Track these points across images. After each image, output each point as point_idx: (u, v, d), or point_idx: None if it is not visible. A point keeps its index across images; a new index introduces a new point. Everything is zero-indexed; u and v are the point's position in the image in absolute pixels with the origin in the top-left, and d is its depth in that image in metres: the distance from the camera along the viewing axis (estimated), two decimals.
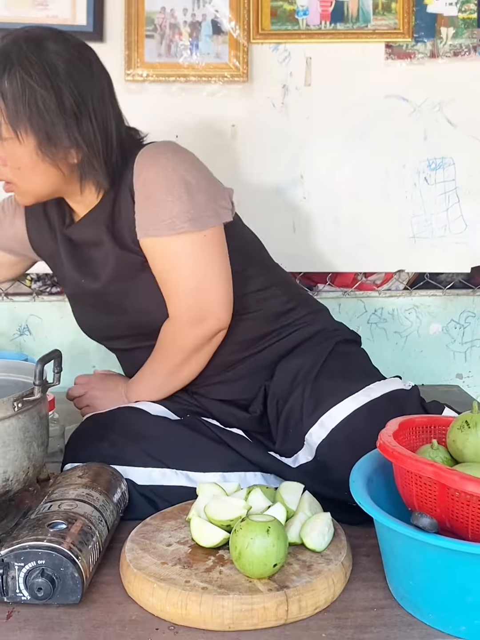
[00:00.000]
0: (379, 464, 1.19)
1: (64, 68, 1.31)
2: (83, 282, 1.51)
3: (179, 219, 1.36)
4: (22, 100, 1.29)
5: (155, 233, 1.37)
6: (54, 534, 1.08)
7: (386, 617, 1.05)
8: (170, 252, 1.38)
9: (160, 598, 1.04)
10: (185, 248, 1.38)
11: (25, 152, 1.33)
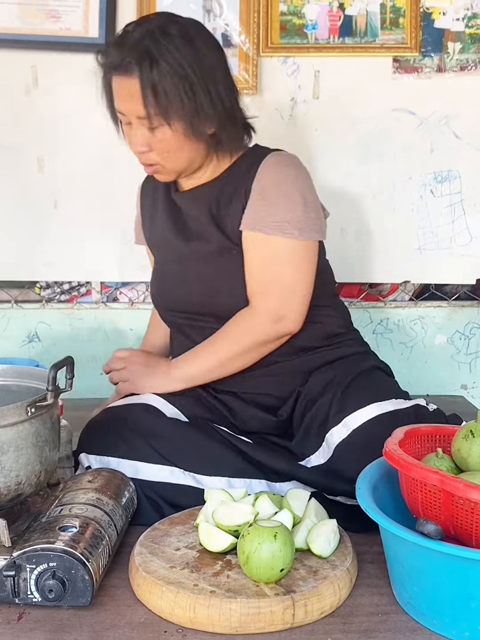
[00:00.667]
0: (385, 471, 1.21)
1: (195, 50, 1.40)
2: (175, 243, 1.58)
3: (290, 224, 1.46)
4: (172, 91, 1.37)
5: (264, 230, 1.46)
6: (65, 537, 1.10)
7: (391, 623, 1.07)
8: (273, 251, 1.47)
9: (168, 601, 1.06)
10: (287, 251, 1.47)
11: (174, 136, 1.42)
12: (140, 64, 1.36)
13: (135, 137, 1.44)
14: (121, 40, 1.41)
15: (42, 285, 2.35)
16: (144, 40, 1.38)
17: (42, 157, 2.17)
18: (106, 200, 2.20)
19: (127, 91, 1.39)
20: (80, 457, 1.45)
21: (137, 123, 1.42)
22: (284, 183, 1.48)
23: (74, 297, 2.34)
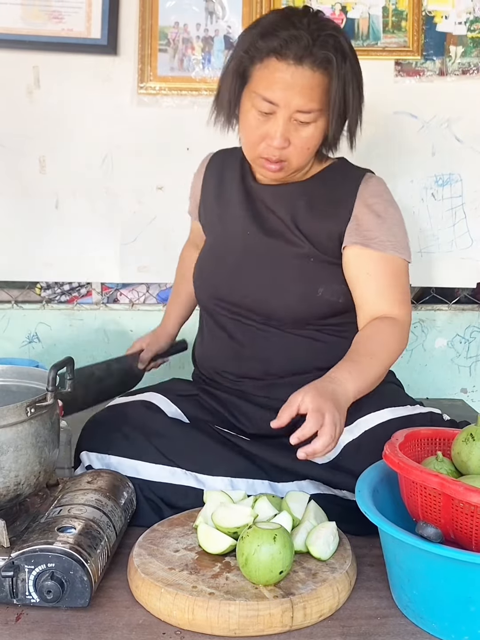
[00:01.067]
0: (385, 474, 1.21)
1: (355, 55, 1.43)
2: (249, 234, 1.54)
3: (401, 245, 1.48)
4: (352, 89, 1.40)
5: (381, 249, 1.45)
6: (63, 538, 1.10)
7: (390, 626, 1.07)
8: (397, 268, 1.47)
9: (167, 603, 1.06)
10: (404, 269, 1.49)
11: (319, 133, 1.42)
12: (335, 58, 1.35)
13: (277, 130, 1.37)
14: (298, 30, 1.34)
15: (42, 285, 2.35)
16: (336, 35, 1.37)
17: (44, 157, 2.17)
18: (107, 201, 2.20)
19: (301, 82, 1.34)
20: (81, 456, 1.45)
21: (286, 116, 1.37)
22: (391, 206, 1.51)
23: (74, 298, 2.34)
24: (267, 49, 1.35)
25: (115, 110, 2.15)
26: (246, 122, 1.42)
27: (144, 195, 2.18)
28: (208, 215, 1.65)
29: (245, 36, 1.42)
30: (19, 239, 2.21)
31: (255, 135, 1.41)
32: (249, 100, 1.40)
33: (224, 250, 1.58)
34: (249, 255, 1.53)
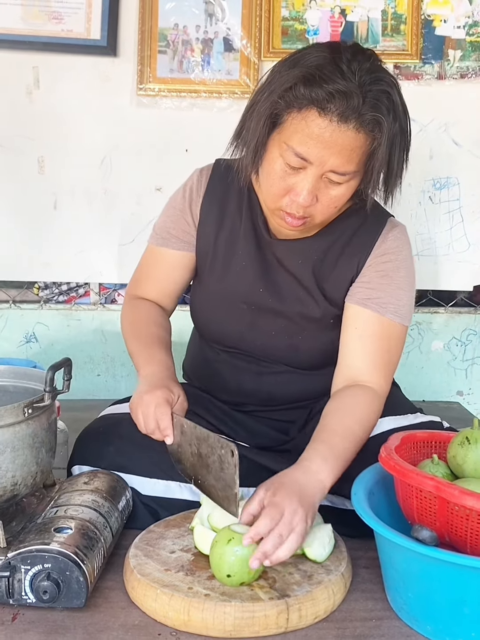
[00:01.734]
0: (380, 477, 1.21)
1: (406, 110, 1.26)
2: (261, 291, 1.45)
3: (404, 309, 1.39)
4: (398, 148, 1.25)
5: (380, 311, 1.38)
6: (60, 538, 1.10)
7: (384, 628, 1.07)
8: (388, 333, 1.39)
9: (163, 604, 1.06)
10: (401, 336, 1.41)
11: (349, 193, 1.28)
12: (385, 122, 1.19)
13: (304, 188, 1.23)
14: (348, 82, 1.17)
15: (40, 285, 2.35)
16: (390, 93, 1.21)
17: (43, 158, 2.18)
18: (106, 202, 2.21)
19: (341, 143, 1.19)
20: (73, 470, 1.43)
21: (318, 175, 1.23)
22: (403, 266, 1.41)
23: (72, 298, 2.35)
24: (308, 100, 1.18)
25: (115, 111, 2.16)
26: (271, 172, 1.27)
27: (142, 196, 2.19)
28: (209, 252, 1.48)
29: (282, 75, 1.23)
30: (18, 238, 2.21)
31: (279, 188, 1.27)
32: (277, 148, 1.24)
33: (232, 300, 1.47)
34: (262, 314, 1.46)
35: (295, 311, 1.45)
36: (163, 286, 1.53)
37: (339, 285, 1.42)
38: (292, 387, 1.52)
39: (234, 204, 1.46)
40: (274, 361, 1.50)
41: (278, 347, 1.48)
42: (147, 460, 1.39)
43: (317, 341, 1.46)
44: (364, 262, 1.41)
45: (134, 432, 1.41)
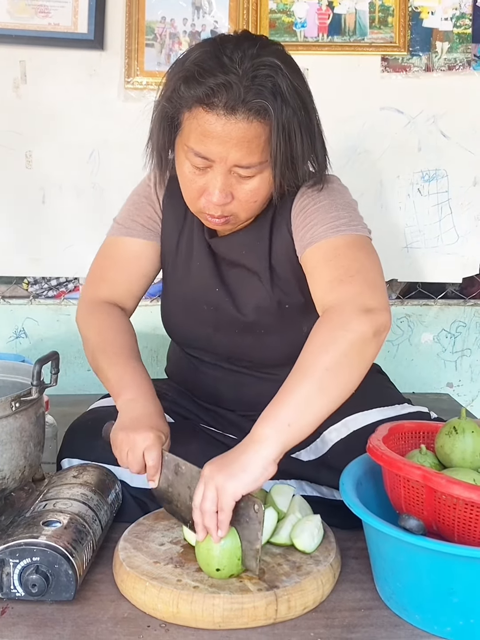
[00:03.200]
0: (368, 467, 1.21)
1: (302, 87, 1.22)
2: (217, 291, 1.42)
3: (342, 224, 1.27)
4: (298, 137, 1.20)
5: (317, 238, 1.27)
6: (49, 532, 1.10)
7: (373, 618, 1.08)
8: (340, 247, 1.25)
9: (152, 596, 1.06)
10: (354, 244, 1.26)
11: (266, 185, 1.24)
12: (273, 108, 1.15)
13: (215, 186, 1.21)
14: (228, 74, 1.14)
15: (29, 281, 2.34)
16: (274, 76, 1.16)
17: (30, 152, 2.17)
18: (94, 197, 2.20)
19: (235, 135, 1.16)
20: (62, 463, 1.42)
21: (224, 171, 1.20)
22: (323, 195, 1.32)
23: (61, 293, 2.34)
24: (192, 98, 1.17)
25: (102, 105, 2.15)
26: (182, 175, 1.26)
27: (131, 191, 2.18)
28: (172, 251, 1.45)
29: (169, 78, 1.23)
30: (6, 234, 2.20)
31: (192, 190, 1.25)
32: (182, 152, 1.23)
33: (195, 302, 1.45)
34: (223, 313, 1.43)
35: (251, 307, 1.41)
36: (126, 282, 1.45)
37: (286, 261, 1.36)
38: (273, 391, 1.48)
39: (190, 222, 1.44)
40: (249, 366, 1.47)
41: (244, 345, 1.45)
42: None
43: (279, 333, 1.43)
44: (289, 219, 1.34)
45: None
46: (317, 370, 1.10)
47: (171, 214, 1.44)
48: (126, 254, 1.45)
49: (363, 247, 1.27)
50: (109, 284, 1.45)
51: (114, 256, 1.47)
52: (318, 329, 1.17)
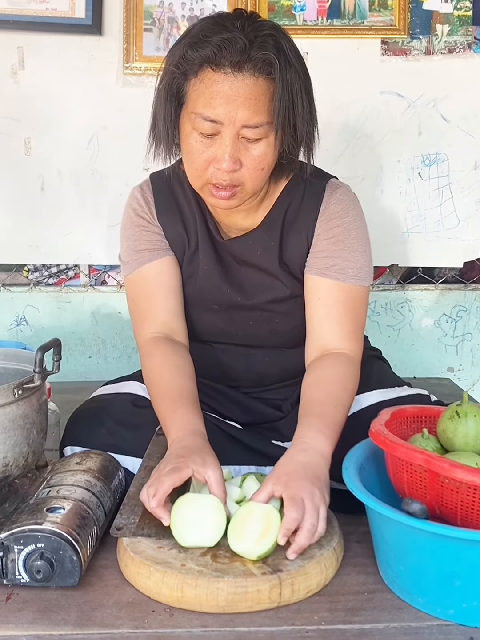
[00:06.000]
0: (371, 452, 1.21)
1: (301, 58, 1.26)
2: (228, 292, 1.46)
3: (362, 271, 1.40)
4: (300, 95, 1.23)
5: (339, 277, 1.38)
6: (52, 518, 1.10)
7: (376, 601, 1.08)
8: (351, 297, 1.39)
9: (156, 581, 1.06)
10: (363, 298, 1.42)
11: (272, 150, 1.26)
12: (278, 62, 1.19)
13: (224, 152, 1.22)
14: (232, 32, 1.18)
15: (30, 268, 2.34)
16: (276, 35, 1.21)
17: (29, 139, 2.16)
18: (94, 183, 2.19)
19: (243, 93, 1.18)
20: (65, 451, 1.42)
21: (233, 134, 1.21)
22: (353, 228, 1.40)
23: (62, 281, 2.34)
24: (199, 60, 1.20)
25: (101, 91, 2.14)
26: (189, 148, 1.25)
27: (130, 177, 2.16)
28: (180, 257, 1.47)
29: (174, 49, 1.26)
30: (5, 221, 2.20)
31: (200, 161, 1.25)
32: (188, 122, 1.24)
33: (204, 304, 1.48)
34: (235, 311, 1.48)
35: (265, 301, 1.46)
36: (163, 306, 1.45)
37: (297, 261, 1.43)
38: (281, 366, 1.53)
39: (186, 210, 1.45)
40: (259, 346, 1.52)
41: (259, 334, 1.50)
42: (139, 440, 1.39)
43: (295, 319, 1.47)
44: (312, 232, 1.41)
45: (126, 412, 1.44)
46: (348, 403, 1.32)
47: (169, 225, 1.45)
48: (149, 282, 1.45)
49: (366, 301, 1.44)
50: (149, 318, 1.45)
51: (139, 291, 1.46)
52: (345, 369, 1.35)
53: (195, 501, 1.15)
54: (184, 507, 1.14)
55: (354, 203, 1.43)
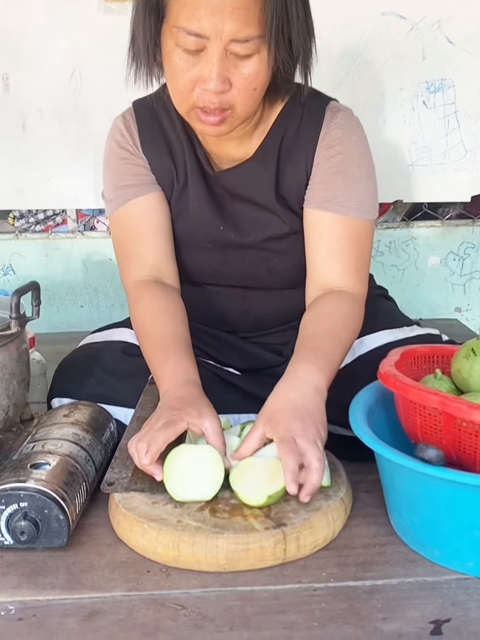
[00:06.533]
0: (379, 395, 1.13)
1: None
2: (222, 229, 1.35)
3: (366, 203, 1.29)
4: (294, 4, 1.10)
5: (340, 209, 1.27)
6: (37, 474, 1.03)
7: (389, 554, 1.01)
8: (355, 232, 1.28)
9: (151, 539, 0.99)
10: (368, 233, 1.31)
11: (266, 68, 1.13)
12: None
13: (211, 70, 1.09)
14: None
15: (15, 215, 2.23)
16: None
17: (7, 75, 2.02)
18: (77, 120, 2.05)
19: (230, 3, 1.05)
20: (53, 403, 1.34)
21: (220, 49, 1.08)
22: (355, 152, 1.29)
23: (49, 227, 2.23)
24: None
25: (81, 20, 1.99)
26: (172, 67, 1.13)
27: (116, 112, 2.02)
28: (168, 193, 1.36)
29: None
30: None
31: (185, 81, 1.12)
32: (170, 38, 1.11)
33: (197, 242, 1.38)
34: (230, 250, 1.37)
35: (262, 239, 1.35)
36: (152, 248, 1.34)
37: (296, 194, 1.31)
38: (280, 307, 1.44)
39: (174, 140, 1.33)
40: (257, 287, 1.42)
41: (256, 274, 1.40)
42: (131, 390, 1.31)
43: (294, 258, 1.37)
44: (311, 162, 1.29)
45: (116, 361, 1.35)
46: (346, 341, 1.21)
47: (154, 157, 1.33)
48: (134, 221, 1.34)
49: (371, 235, 1.32)
50: (137, 260, 1.34)
51: (124, 231, 1.36)
52: (346, 307, 1.24)
53: (191, 452, 1.07)
54: (178, 459, 1.06)
55: (356, 128, 1.31)
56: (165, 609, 0.91)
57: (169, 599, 0.93)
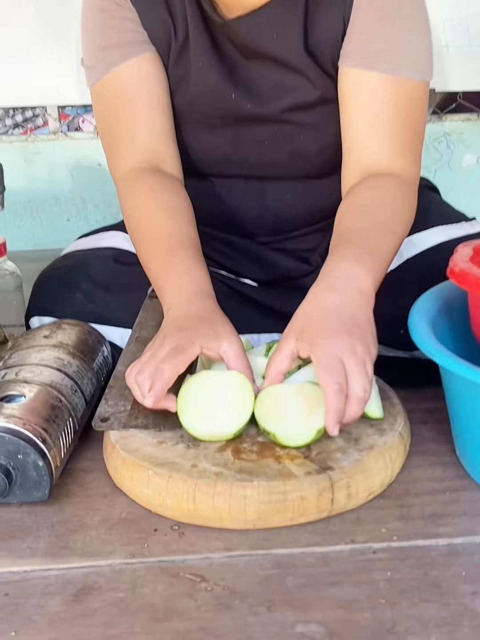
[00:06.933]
0: (444, 302, 0.90)
1: None
2: (233, 97, 1.10)
3: (421, 60, 1.03)
4: None
5: (390, 70, 1.01)
6: (9, 410, 0.81)
7: (464, 503, 0.80)
8: (409, 97, 1.03)
9: (158, 489, 0.78)
10: (422, 97, 1.05)
11: None
12: None
13: None
14: None
15: None
16: None
17: None
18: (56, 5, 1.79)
19: None
20: (32, 322, 1.13)
21: None
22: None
23: (28, 130, 1.99)
24: None
25: None
26: None
27: None
28: (165, 54, 1.10)
29: None
30: None
31: None
32: None
33: (201, 118, 1.13)
34: (245, 125, 1.12)
35: (284, 108, 1.09)
36: (147, 124, 1.10)
37: (330, 48, 1.05)
38: (307, 203, 1.20)
39: None
40: (278, 177, 1.18)
41: (277, 159, 1.15)
42: (126, 306, 1.10)
43: (326, 136, 1.11)
44: (349, 5, 1.02)
45: (107, 271, 1.14)
46: (398, 231, 0.99)
47: (145, 9, 1.06)
48: (123, 90, 1.09)
49: (426, 102, 1.08)
50: (128, 141, 1.10)
51: (110, 104, 1.11)
52: (395, 191, 1.02)
53: (212, 378, 0.85)
54: (196, 386, 0.84)
55: None
56: (179, 581, 0.70)
57: (184, 568, 0.72)
